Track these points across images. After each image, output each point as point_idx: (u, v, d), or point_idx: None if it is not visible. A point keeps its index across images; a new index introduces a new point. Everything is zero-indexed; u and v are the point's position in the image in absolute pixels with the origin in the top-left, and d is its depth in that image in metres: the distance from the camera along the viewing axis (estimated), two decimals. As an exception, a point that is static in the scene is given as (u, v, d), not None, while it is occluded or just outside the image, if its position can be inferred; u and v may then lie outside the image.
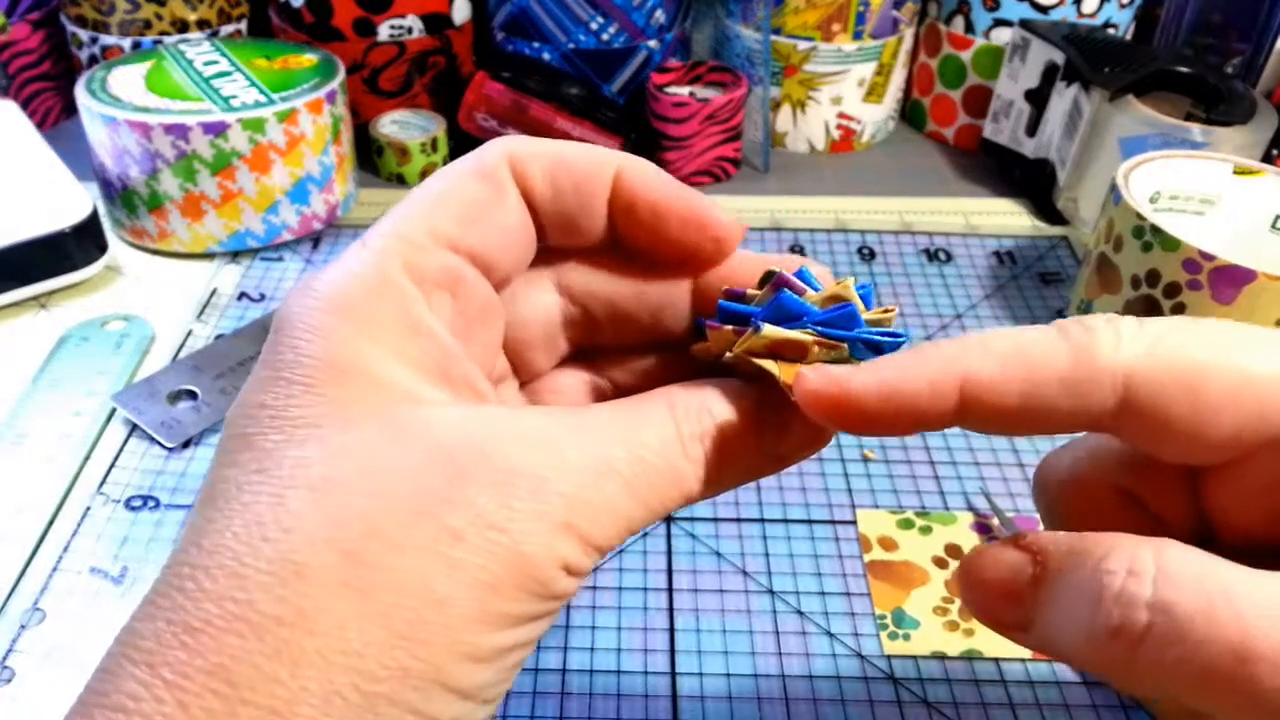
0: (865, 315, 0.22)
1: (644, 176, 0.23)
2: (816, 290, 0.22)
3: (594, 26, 0.62)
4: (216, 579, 0.17)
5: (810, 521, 0.39)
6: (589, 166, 0.23)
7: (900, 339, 0.21)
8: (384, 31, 0.60)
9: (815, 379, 0.20)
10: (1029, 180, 0.61)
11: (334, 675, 0.16)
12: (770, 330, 0.21)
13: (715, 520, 0.39)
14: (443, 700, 0.18)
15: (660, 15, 0.63)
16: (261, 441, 0.19)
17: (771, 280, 0.22)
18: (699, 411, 0.21)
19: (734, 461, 0.21)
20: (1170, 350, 0.19)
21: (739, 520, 0.39)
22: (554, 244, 0.24)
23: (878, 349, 0.21)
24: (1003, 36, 0.62)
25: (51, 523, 0.38)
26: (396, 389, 0.19)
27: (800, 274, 0.22)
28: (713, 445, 0.20)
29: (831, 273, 0.23)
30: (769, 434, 0.21)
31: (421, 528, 0.18)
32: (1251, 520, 0.21)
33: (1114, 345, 0.19)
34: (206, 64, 0.55)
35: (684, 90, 0.62)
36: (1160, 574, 0.17)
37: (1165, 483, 0.22)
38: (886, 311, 0.22)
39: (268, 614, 0.17)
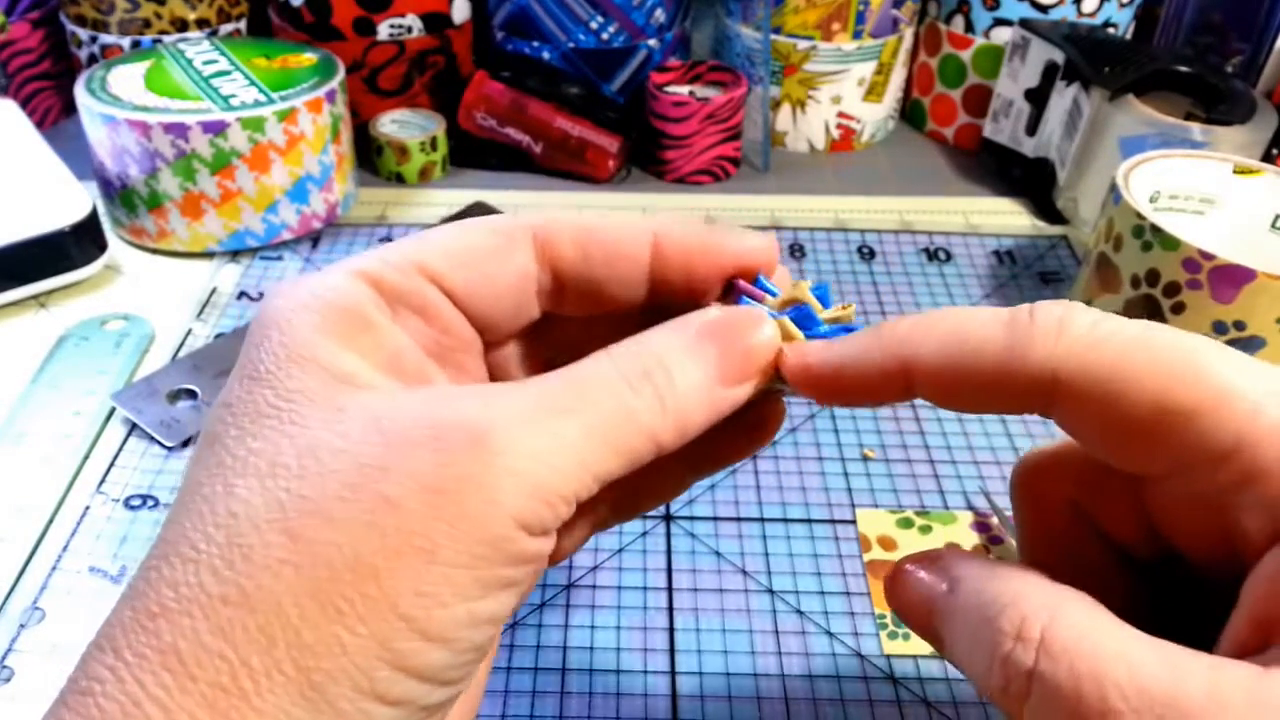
0: (824, 314, 0.23)
1: (689, 234, 0.23)
2: (774, 295, 0.23)
3: (594, 26, 0.62)
4: (175, 566, 0.18)
5: (810, 521, 0.39)
6: (621, 237, 0.23)
7: (855, 331, 0.23)
8: (383, 31, 0.60)
9: (789, 355, 0.22)
10: (1029, 180, 0.61)
11: (274, 651, 0.17)
12: None
13: (715, 520, 0.39)
14: (390, 679, 0.17)
15: (660, 14, 0.63)
16: (224, 438, 0.19)
17: (732, 291, 0.23)
18: (638, 353, 0.20)
19: (689, 398, 0.20)
20: (1104, 358, 0.19)
21: (739, 520, 0.39)
22: (579, 313, 0.24)
23: None
24: (1003, 36, 0.62)
25: (51, 522, 0.38)
26: (343, 375, 0.20)
27: (758, 282, 0.23)
28: (663, 381, 0.20)
29: (790, 276, 0.24)
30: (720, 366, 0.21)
31: (356, 499, 0.17)
32: (1191, 537, 0.21)
33: (1051, 340, 0.19)
34: (206, 63, 0.55)
35: (684, 90, 0.62)
36: (1043, 645, 0.18)
37: (1114, 501, 0.23)
38: (844, 309, 0.23)
39: (214, 594, 0.17)
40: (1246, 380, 0.18)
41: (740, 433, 0.25)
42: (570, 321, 0.25)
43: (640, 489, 0.25)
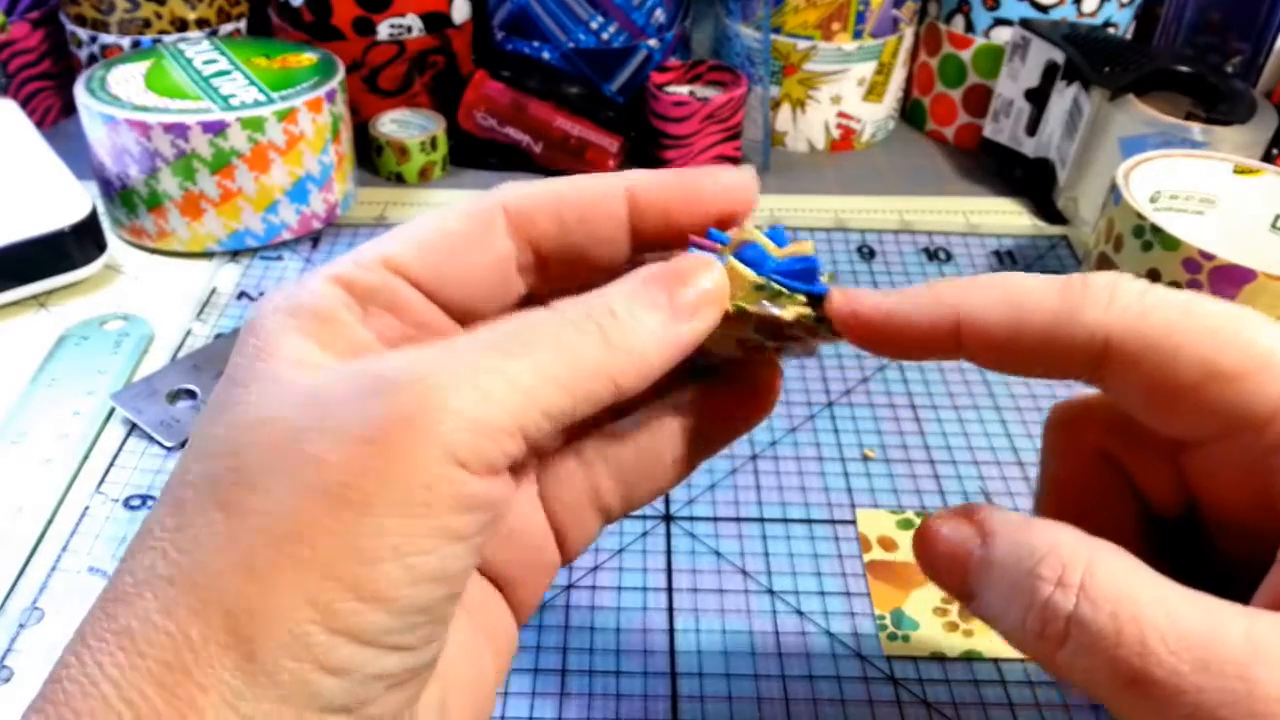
0: (778, 251, 0.23)
1: (664, 182, 0.23)
2: (725, 243, 0.23)
3: (594, 26, 0.62)
4: (135, 556, 0.18)
5: (810, 521, 0.39)
6: (595, 197, 0.23)
7: (810, 262, 0.23)
8: (383, 30, 0.60)
9: (838, 300, 0.22)
10: (1029, 180, 0.61)
11: (210, 621, 0.17)
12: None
13: (715, 520, 0.39)
14: (328, 645, 0.17)
15: (660, 14, 0.63)
16: (195, 435, 0.20)
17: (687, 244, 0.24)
18: (583, 300, 0.20)
19: (639, 334, 0.20)
20: (1153, 324, 0.20)
21: (738, 520, 0.39)
22: (565, 282, 0.24)
23: (795, 274, 0.23)
24: (1003, 36, 0.62)
25: (50, 522, 0.38)
26: (294, 360, 0.20)
27: (710, 234, 0.23)
28: (607, 320, 0.20)
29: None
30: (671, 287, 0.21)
31: (282, 462, 0.18)
32: (1228, 500, 0.22)
33: (1103, 306, 0.20)
34: (206, 63, 0.55)
35: (684, 89, 0.62)
36: (1083, 590, 0.18)
37: (1147, 454, 0.23)
38: (801, 245, 0.24)
39: (163, 576, 0.18)
40: None
41: (737, 402, 0.25)
42: (558, 294, 0.25)
43: (643, 473, 0.25)
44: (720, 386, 0.25)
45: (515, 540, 0.24)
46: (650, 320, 0.20)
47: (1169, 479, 0.23)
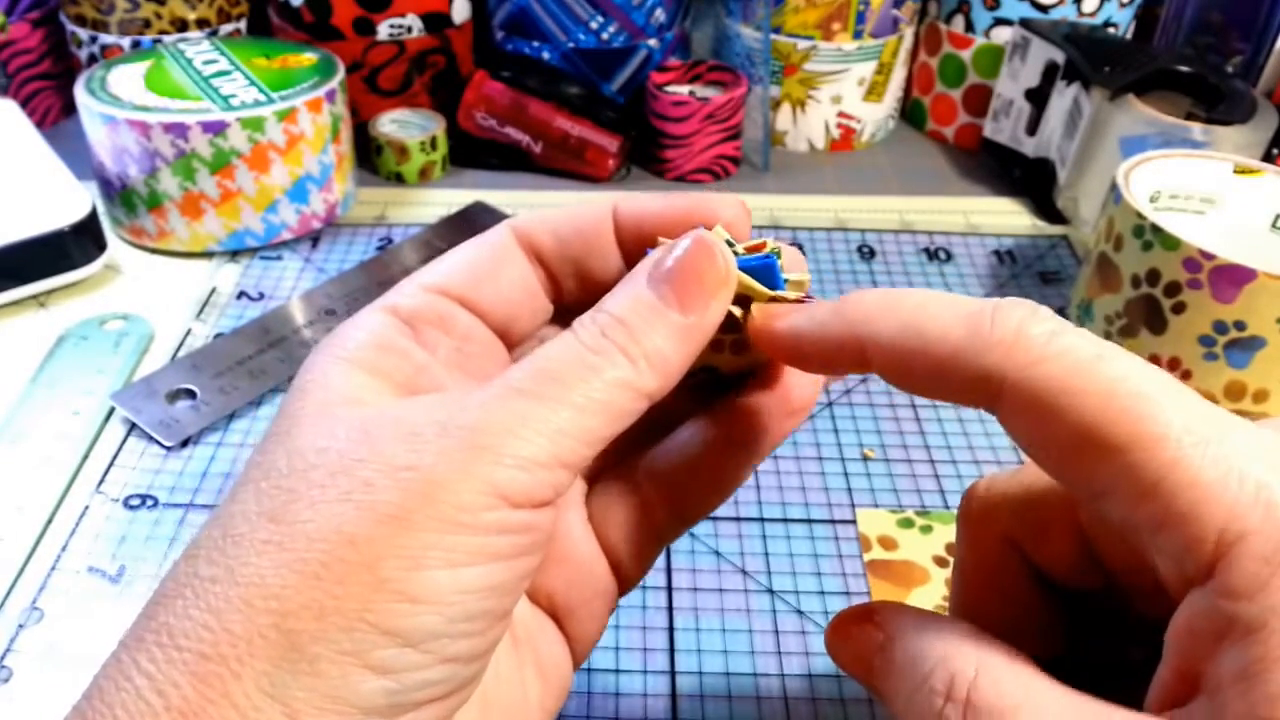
0: (785, 274, 0.23)
1: (642, 199, 0.25)
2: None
3: (594, 26, 0.62)
4: (177, 566, 0.19)
5: (810, 521, 0.39)
6: (583, 211, 0.25)
7: (769, 260, 0.23)
8: (383, 30, 0.60)
9: (756, 314, 0.23)
10: (1029, 179, 0.61)
11: (255, 618, 0.18)
12: None
13: (714, 519, 0.39)
14: (373, 639, 0.18)
15: (660, 14, 0.63)
16: (246, 468, 0.21)
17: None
18: (594, 317, 0.21)
19: (655, 340, 0.20)
20: (1048, 376, 0.19)
21: (738, 519, 0.39)
22: (581, 297, 0.25)
23: (752, 273, 0.23)
24: (1003, 36, 0.62)
25: (50, 522, 0.38)
26: (348, 397, 0.21)
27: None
28: (621, 335, 0.20)
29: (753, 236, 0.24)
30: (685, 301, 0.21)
31: (335, 484, 0.19)
32: (1123, 564, 0.22)
33: (1004, 347, 0.19)
34: (206, 63, 0.55)
35: (684, 89, 0.62)
36: (969, 704, 0.19)
37: (1047, 535, 0.23)
38: (760, 244, 0.24)
39: (205, 576, 0.19)
40: (1183, 424, 0.18)
41: (774, 404, 0.25)
42: (579, 306, 0.25)
43: (691, 487, 0.25)
44: (754, 392, 0.25)
45: (566, 566, 0.24)
46: (663, 321, 0.21)
47: (1072, 559, 0.23)
